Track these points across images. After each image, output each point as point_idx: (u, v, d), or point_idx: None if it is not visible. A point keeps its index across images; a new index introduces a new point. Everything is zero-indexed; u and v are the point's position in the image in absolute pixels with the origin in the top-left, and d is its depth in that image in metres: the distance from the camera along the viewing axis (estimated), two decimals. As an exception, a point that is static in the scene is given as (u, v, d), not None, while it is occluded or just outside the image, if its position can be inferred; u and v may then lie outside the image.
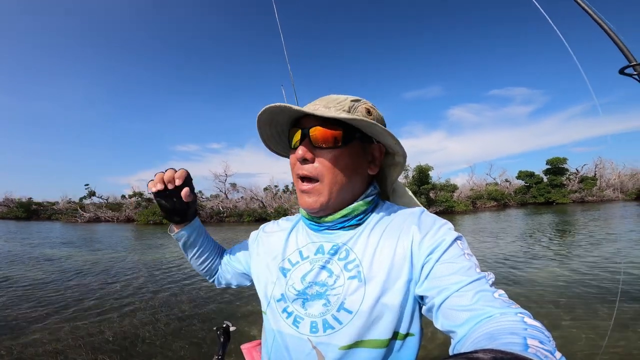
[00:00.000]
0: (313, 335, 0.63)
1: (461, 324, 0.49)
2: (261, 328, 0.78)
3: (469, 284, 0.53)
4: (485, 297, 0.50)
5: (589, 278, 5.32)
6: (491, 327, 0.44)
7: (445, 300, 0.53)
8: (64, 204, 32.68)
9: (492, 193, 27.99)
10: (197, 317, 4.29)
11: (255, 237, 0.90)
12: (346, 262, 0.66)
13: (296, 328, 0.65)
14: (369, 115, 0.69)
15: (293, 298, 0.68)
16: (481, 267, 0.57)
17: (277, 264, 0.75)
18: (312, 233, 0.74)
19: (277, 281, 0.72)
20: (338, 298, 0.63)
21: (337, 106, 0.67)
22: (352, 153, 0.68)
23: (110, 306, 4.77)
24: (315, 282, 0.67)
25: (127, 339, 3.58)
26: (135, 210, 27.41)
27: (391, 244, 0.64)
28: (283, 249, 0.76)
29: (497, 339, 0.40)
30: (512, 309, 0.47)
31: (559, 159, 29.36)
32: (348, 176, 0.68)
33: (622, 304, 4.05)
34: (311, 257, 0.70)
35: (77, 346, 3.42)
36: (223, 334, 1.41)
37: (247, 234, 0.97)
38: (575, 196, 27.68)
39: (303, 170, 0.68)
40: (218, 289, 4.78)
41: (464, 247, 0.60)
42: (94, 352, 3.27)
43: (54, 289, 5.75)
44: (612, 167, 32.18)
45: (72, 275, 6.92)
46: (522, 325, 0.42)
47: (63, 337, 3.66)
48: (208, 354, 3.24)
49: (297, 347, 0.64)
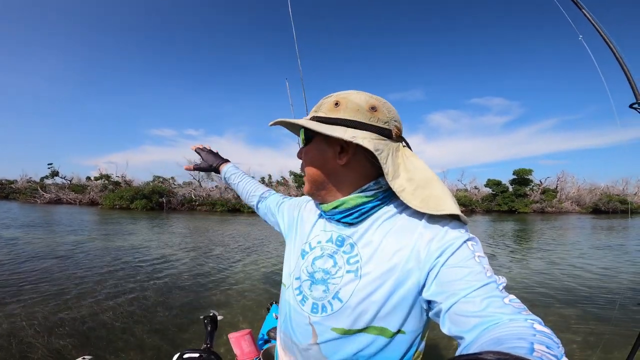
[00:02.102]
0: (312, 315, 0.70)
1: (469, 330, 0.49)
2: (236, 319, 0.86)
3: (478, 289, 0.52)
4: (495, 303, 0.49)
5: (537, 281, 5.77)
6: (499, 332, 0.44)
7: (452, 305, 0.53)
8: (23, 183, 30.69)
9: (461, 199, 29.15)
10: (161, 304, 4.25)
11: (299, 204, 0.95)
12: (349, 257, 0.69)
13: (302, 306, 0.73)
14: (336, 107, 0.71)
15: (304, 279, 0.75)
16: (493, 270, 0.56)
17: (302, 245, 0.81)
18: (325, 222, 0.79)
19: (297, 261, 0.79)
20: (335, 287, 0.68)
21: (316, 107, 0.76)
22: (315, 148, 0.75)
23: (69, 291, 4.61)
24: (322, 269, 0.72)
25: (85, 324, 3.51)
26: (101, 193, 26.20)
27: (395, 244, 0.65)
28: (309, 233, 0.82)
29: (504, 343, 0.40)
30: (522, 315, 0.47)
31: (525, 170, 31.05)
32: (317, 168, 0.74)
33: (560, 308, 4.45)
34: (323, 244, 0.76)
35: (33, 330, 3.32)
36: (210, 323, 1.43)
37: (219, 224, 1.05)
38: (536, 206, 29.41)
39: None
40: (185, 275, 4.79)
41: (475, 249, 0.59)
42: (50, 336, 3.19)
43: (9, 272, 5.46)
44: (572, 181, 34.34)
45: (28, 257, 6.58)
46: (530, 331, 0.42)
47: (18, 321, 3.52)
48: (171, 338, 3.26)
49: (299, 322, 0.73)
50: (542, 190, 31.84)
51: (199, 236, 10.98)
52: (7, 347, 2.97)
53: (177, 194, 26.04)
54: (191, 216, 19.52)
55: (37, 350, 2.95)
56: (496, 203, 30.35)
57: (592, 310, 4.39)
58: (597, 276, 6.30)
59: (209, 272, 6.09)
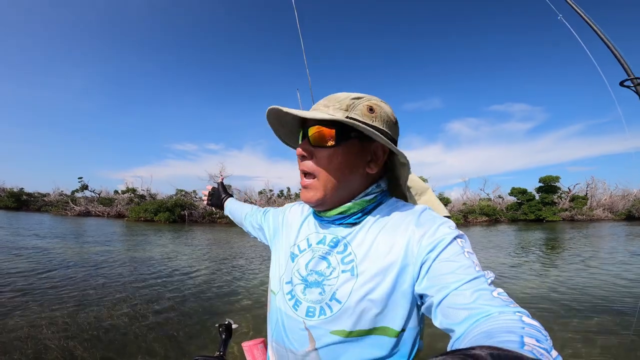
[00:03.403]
0: (308, 319, 0.67)
1: (460, 322, 0.49)
2: (248, 325, 0.86)
3: (468, 282, 0.53)
4: (484, 296, 0.50)
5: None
6: (489, 325, 0.44)
7: (444, 298, 0.53)
8: (55, 196, 32.37)
9: (484, 208, 28.19)
10: (176, 312, 4.32)
11: (282, 211, 0.95)
12: (343, 256, 0.68)
13: (295, 311, 0.70)
14: (370, 113, 0.68)
15: (296, 283, 0.72)
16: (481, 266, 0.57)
17: (290, 248, 0.79)
18: (317, 224, 0.77)
19: (287, 265, 0.77)
20: (331, 288, 0.66)
21: (336, 105, 0.68)
22: (347, 152, 0.68)
23: (90, 297, 4.78)
24: (315, 271, 0.70)
25: (100, 328, 3.61)
26: (127, 206, 27.23)
27: (388, 241, 0.65)
28: (296, 236, 0.80)
29: (494, 337, 0.40)
30: (510, 307, 0.47)
31: (551, 177, 29.72)
32: (343, 174, 0.69)
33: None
34: (314, 246, 0.74)
35: (51, 332, 3.45)
36: (225, 331, 1.42)
37: (239, 236, 1.07)
38: (566, 214, 27.96)
39: (303, 166, 0.71)
40: (202, 286, 4.82)
41: (464, 246, 0.60)
42: (66, 339, 3.30)
43: (37, 279, 5.73)
44: (604, 187, 32.53)
45: (55, 265, 6.89)
46: (519, 324, 0.43)
47: (38, 323, 3.67)
48: (181, 346, 3.28)
49: (292, 328, 0.69)
50: (571, 197, 30.30)
51: (219, 247, 11.15)
52: (23, 348, 3.10)
53: (199, 207, 26.64)
54: (212, 228, 19.88)
55: (51, 351, 3.05)
56: (522, 212, 29.10)
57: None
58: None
59: (227, 281, 6.15)
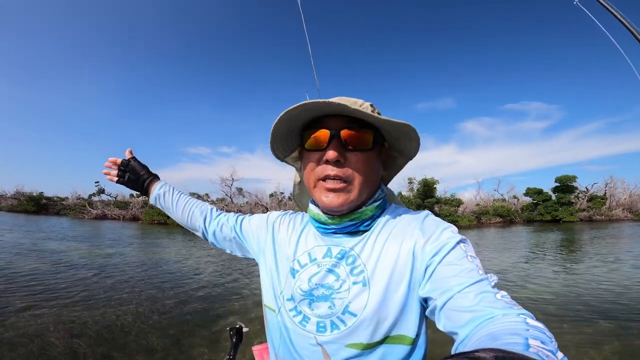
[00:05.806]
0: (320, 335, 0.65)
1: (463, 325, 0.49)
2: (258, 331, 0.83)
3: (471, 285, 0.53)
4: (488, 299, 0.50)
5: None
6: (493, 328, 0.44)
7: (447, 301, 0.53)
8: (73, 200, 33.37)
9: (497, 209, 27.58)
10: (179, 313, 4.38)
11: (266, 222, 0.88)
12: (352, 267, 0.67)
13: (303, 327, 0.68)
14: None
15: (300, 298, 0.70)
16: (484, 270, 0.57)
17: (289, 263, 0.75)
18: (319, 236, 0.75)
19: (286, 281, 0.74)
20: (343, 302, 0.64)
21: (361, 109, 0.65)
22: (376, 156, 0.70)
23: (97, 297, 4.90)
24: (321, 285, 0.68)
25: (105, 327, 3.70)
26: (142, 209, 27.82)
27: (395, 249, 0.65)
28: (294, 250, 0.77)
29: (499, 339, 0.40)
30: (514, 310, 0.47)
31: (568, 176, 28.83)
32: (373, 179, 0.70)
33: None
34: (319, 260, 0.71)
35: (56, 330, 3.56)
36: (236, 335, 1.42)
37: None
38: (583, 214, 27.07)
39: (334, 171, 0.66)
40: (207, 288, 4.85)
41: (467, 250, 0.60)
42: (70, 337, 3.40)
43: (50, 279, 5.93)
44: (623, 187, 31.38)
45: (69, 267, 7.10)
46: (524, 326, 0.42)
47: (46, 322, 3.79)
48: (181, 345, 3.33)
49: (303, 345, 0.67)
50: (588, 197, 29.32)
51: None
52: (29, 345, 3.20)
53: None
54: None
55: (55, 348, 3.15)
56: (538, 212, 28.29)
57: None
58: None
59: (235, 282, 6.21)
